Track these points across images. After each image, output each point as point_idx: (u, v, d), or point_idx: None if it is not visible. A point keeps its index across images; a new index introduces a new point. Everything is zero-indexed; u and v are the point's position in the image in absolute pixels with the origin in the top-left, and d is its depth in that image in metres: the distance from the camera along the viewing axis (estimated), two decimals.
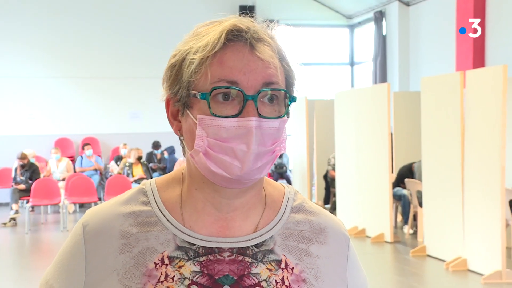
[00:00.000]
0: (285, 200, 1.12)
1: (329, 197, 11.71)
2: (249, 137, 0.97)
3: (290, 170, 12.96)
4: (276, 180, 12.36)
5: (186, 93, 1.01)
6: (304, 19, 15.34)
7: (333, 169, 10.76)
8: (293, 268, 1.05)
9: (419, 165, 8.53)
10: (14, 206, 10.61)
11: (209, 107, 0.98)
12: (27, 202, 10.42)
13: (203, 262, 1.02)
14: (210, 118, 0.98)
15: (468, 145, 6.82)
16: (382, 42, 14.02)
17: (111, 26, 14.07)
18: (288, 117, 1.04)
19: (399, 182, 9.36)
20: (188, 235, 1.04)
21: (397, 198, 9.38)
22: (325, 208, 11.82)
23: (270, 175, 13.47)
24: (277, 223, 1.08)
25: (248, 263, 1.02)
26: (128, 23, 14.07)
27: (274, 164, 11.81)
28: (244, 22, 1.02)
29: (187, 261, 1.02)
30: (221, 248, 1.03)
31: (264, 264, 1.03)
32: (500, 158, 6.26)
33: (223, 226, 1.05)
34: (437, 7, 12.24)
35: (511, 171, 7.73)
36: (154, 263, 1.02)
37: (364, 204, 9.03)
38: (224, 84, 0.98)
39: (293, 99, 1.03)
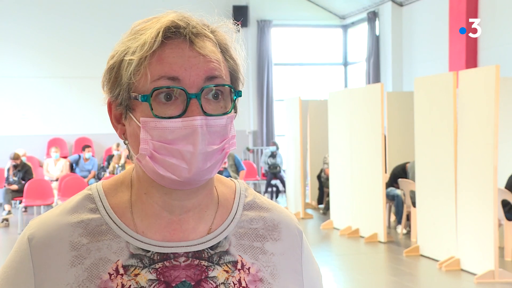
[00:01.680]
0: (237, 197, 1.10)
1: (322, 197, 11.72)
2: (195, 137, 0.94)
3: (283, 170, 12.96)
4: (270, 180, 12.27)
5: (127, 95, 0.98)
6: (298, 19, 15.35)
7: (329, 167, 10.79)
8: (249, 268, 1.03)
9: (413, 165, 8.54)
10: (7, 207, 10.57)
11: (151, 109, 0.95)
12: (20, 202, 10.38)
13: (159, 269, 0.99)
14: (154, 120, 0.95)
15: (461, 145, 6.84)
16: (375, 42, 14.04)
17: (104, 26, 14.03)
18: (235, 112, 1.00)
19: (392, 182, 9.38)
20: (142, 242, 1.00)
21: (390, 198, 9.39)
22: (318, 208, 11.85)
23: (263, 175, 13.47)
24: (231, 222, 1.06)
25: (205, 267, 1.00)
26: (120, 23, 13.96)
27: (268, 164, 11.67)
28: (182, 17, 0.99)
29: (142, 269, 0.98)
30: (176, 253, 1.00)
31: (220, 266, 1.01)
32: (492, 158, 6.28)
33: (176, 229, 1.02)
34: (430, 8, 12.28)
35: (504, 171, 7.75)
36: (109, 273, 0.98)
37: (358, 204, 9.04)
38: (165, 81, 0.95)
39: (238, 94, 1.00)
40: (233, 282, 1.01)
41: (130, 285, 0.97)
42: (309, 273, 1.12)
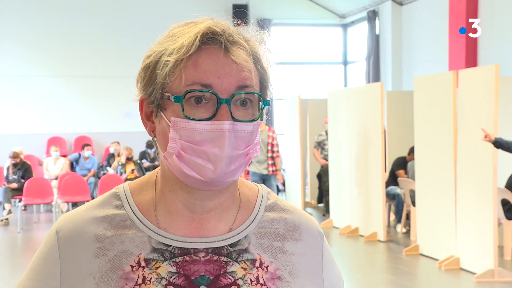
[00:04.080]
0: (259, 199, 1.13)
1: (322, 196, 11.72)
2: (223, 141, 0.98)
3: (283, 169, 12.96)
4: None
5: (160, 95, 1.01)
6: (297, 18, 15.34)
7: (315, 147, 10.89)
8: (267, 266, 1.06)
9: (412, 164, 8.55)
10: (7, 206, 10.57)
11: (183, 110, 0.98)
12: (20, 201, 10.38)
13: (179, 263, 1.02)
14: (184, 121, 0.98)
15: (461, 145, 6.84)
16: (375, 41, 14.04)
17: (104, 25, 14.03)
18: (261, 120, 1.04)
19: (392, 175, 9.44)
20: (163, 237, 1.04)
21: (390, 197, 9.40)
22: (318, 207, 11.85)
23: None
24: (252, 222, 1.09)
25: (224, 263, 1.03)
26: (120, 22, 14.03)
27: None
28: (219, 24, 1.02)
29: (163, 262, 1.02)
30: (196, 248, 1.04)
31: (238, 263, 1.04)
32: (492, 158, 6.29)
33: (198, 227, 1.06)
34: (430, 7, 12.27)
35: (503, 170, 7.75)
36: (131, 266, 1.02)
37: (357, 203, 9.05)
38: (198, 87, 0.98)
39: (266, 103, 1.04)
40: (250, 279, 1.03)
41: (151, 277, 1.01)
42: (329, 275, 1.14)
